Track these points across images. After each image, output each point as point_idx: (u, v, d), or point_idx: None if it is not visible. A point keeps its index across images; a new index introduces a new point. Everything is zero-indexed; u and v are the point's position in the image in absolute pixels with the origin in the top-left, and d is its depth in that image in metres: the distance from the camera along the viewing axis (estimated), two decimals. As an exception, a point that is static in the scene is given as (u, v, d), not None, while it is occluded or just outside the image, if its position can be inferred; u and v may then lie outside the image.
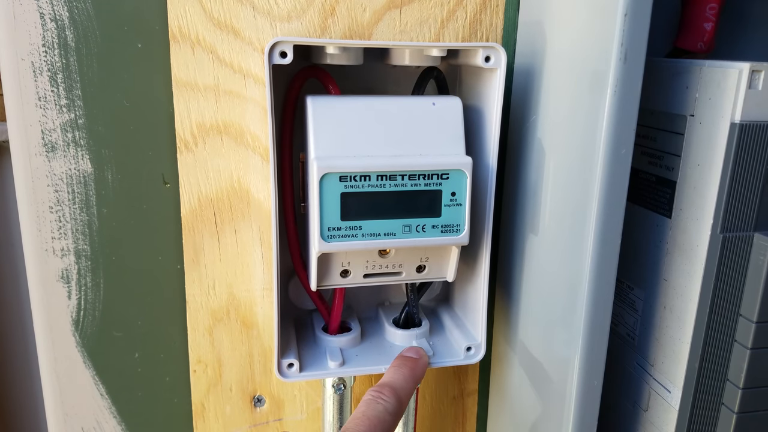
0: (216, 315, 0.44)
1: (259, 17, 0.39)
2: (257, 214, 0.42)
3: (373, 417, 0.33)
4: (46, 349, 0.43)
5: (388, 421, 0.33)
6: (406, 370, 0.37)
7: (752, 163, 0.32)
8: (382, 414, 0.33)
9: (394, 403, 0.34)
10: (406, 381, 0.36)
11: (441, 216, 0.36)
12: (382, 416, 0.33)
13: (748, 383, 0.35)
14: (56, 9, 0.37)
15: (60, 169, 0.40)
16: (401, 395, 0.35)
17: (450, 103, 0.37)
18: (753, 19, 0.47)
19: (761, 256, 0.33)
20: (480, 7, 0.42)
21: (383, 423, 0.33)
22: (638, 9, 0.31)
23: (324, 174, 0.34)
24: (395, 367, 0.38)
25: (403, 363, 0.38)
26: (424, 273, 0.40)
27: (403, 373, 0.37)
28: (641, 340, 0.40)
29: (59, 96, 0.38)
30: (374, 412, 0.33)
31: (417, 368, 0.38)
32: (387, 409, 0.34)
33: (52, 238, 0.41)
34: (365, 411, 0.33)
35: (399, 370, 0.37)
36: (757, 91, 0.31)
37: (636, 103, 0.32)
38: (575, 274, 0.35)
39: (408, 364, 0.38)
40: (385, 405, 0.34)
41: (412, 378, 0.37)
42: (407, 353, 0.40)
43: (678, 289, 0.36)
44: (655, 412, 0.39)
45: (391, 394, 0.35)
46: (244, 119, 0.40)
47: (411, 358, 0.39)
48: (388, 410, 0.34)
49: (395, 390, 0.35)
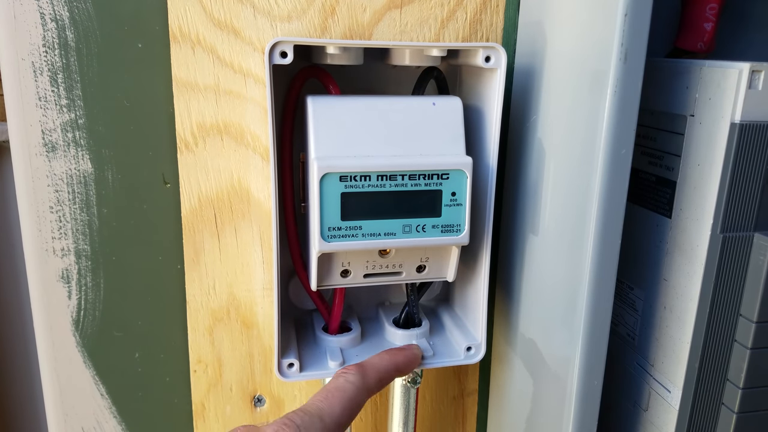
0: (216, 315, 0.44)
1: (259, 17, 0.39)
2: (257, 214, 0.42)
3: (332, 388, 0.34)
4: (46, 349, 0.43)
5: (348, 390, 0.34)
6: (384, 354, 0.38)
7: (752, 163, 0.32)
8: (342, 384, 0.34)
9: (357, 374, 0.35)
10: (380, 360, 0.37)
11: (441, 216, 0.36)
12: (342, 386, 0.34)
13: (748, 383, 0.35)
14: (56, 9, 0.37)
15: (60, 169, 0.40)
16: (368, 370, 0.36)
17: (450, 103, 0.37)
18: (753, 19, 0.47)
19: (761, 256, 0.33)
20: (480, 7, 0.42)
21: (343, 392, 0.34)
22: (638, 9, 0.31)
23: (324, 174, 0.34)
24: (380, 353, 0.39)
25: (389, 350, 0.39)
26: (424, 273, 0.40)
27: (380, 355, 0.38)
28: (641, 340, 0.40)
29: (59, 96, 0.38)
30: (333, 384, 0.34)
31: (398, 355, 0.39)
32: (347, 380, 0.34)
33: (52, 238, 0.41)
34: (326, 385, 0.35)
35: (378, 354, 0.39)
36: (757, 91, 0.31)
37: (636, 103, 0.32)
38: (575, 274, 0.35)
39: (391, 350, 0.39)
40: (346, 376, 0.35)
41: (389, 360, 0.38)
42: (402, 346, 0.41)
43: (678, 289, 0.36)
44: (655, 412, 0.39)
45: (355, 367, 0.36)
46: (244, 119, 0.40)
47: (396, 348, 0.40)
48: (348, 380, 0.34)
49: (362, 365, 0.36)
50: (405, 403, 0.44)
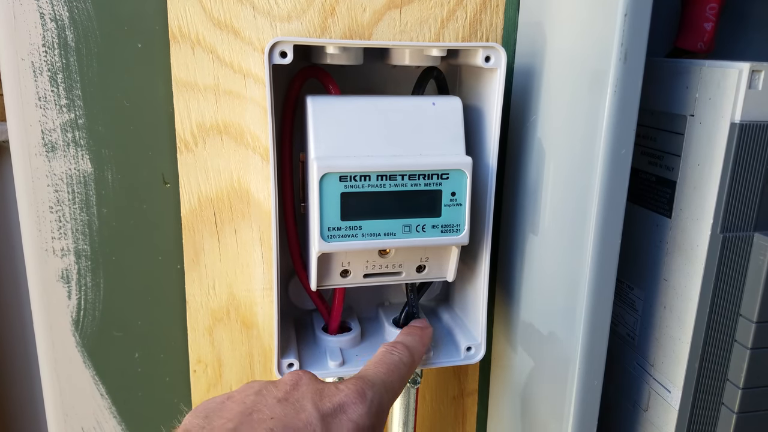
0: (216, 315, 0.44)
1: (259, 17, 0.39)
2: (257, 214, 0.42)
3: (390, 363, 0.34)
4: (46, 349, 0.43)
5: (402, 370, 0.35)
6: (415, 334, 0.39)
7: (752, 163, 0.32)
8: (398, 362, 0.35)
9: (408, 355, 0.36)
10: (416, 342, 0.38)
11: (441, 216, 0.36)
12: (398, 364, 0.35)
13: (748, 383, 0.35)
14: (56, 9, 0.37)
15: (60, 169, 0.40)
16: (413, 352, 0.37)
17: (450, 103, 0.37)
18: (753, 19, 0.47)
19: (761, 256, 0.33)
20: (480, 7, 0.42)
21: (399, 370, 0.34)
22: (638, 9, 0.31)
23: (324, 174, 0.34)
24: (404, 333, 0.39)
25: (412, 330, 0.40)
26: (424, 273, 0.40)
27: (412, 335, 0.39)
28: (641, 340, 0.40)
29: (59, 96, 0.38)
30: (390, 359, 0.35)
31: (424, 335, 0.39)
32: (402, 359, 0.35)
33: (52, 238, 0.41)
34: (382, 358, 0.35)
35: (409, 333, 0.39)
36: (757, 91, 0.31)
37: (636, 103, 0.32)
38: (575, 274, 0.35)
39: (416, 331, 0.39)
40: (400, 356, 0.35)
41: (421, 341, 0.38)
42: (414, 323, 0.41)
43: (678, 289, 0.36)
44: (655, 412, 0.39)
45: (404, 348, 0.36)
46: (244, 119, 0.40)
47: (418, 327, 0.40)
48: (402, 360, 0.35)
49: (407, 346, 0.37)
50: (405, 402, 0.44)
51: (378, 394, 0.31)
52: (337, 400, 0.30)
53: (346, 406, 0.30)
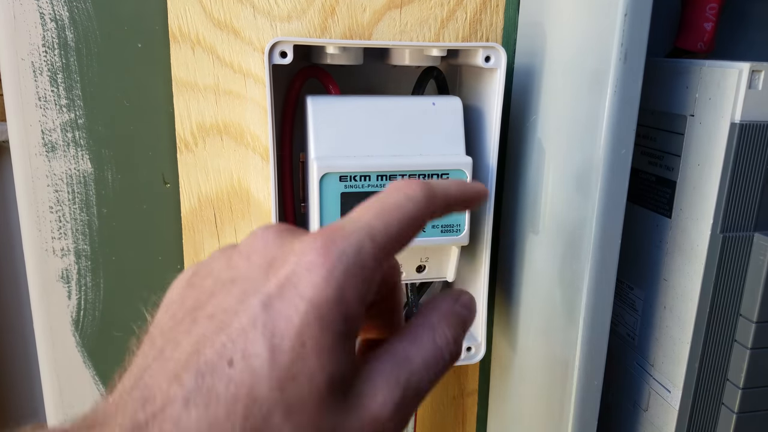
0: (216, 315, 0.44)
1: (259, 17, 0.39)
2: (257, 214, 0.42)
3: (389, 204, 0.23)
4: (46, 349, 0.42)
5: (409, 209, 0.24)
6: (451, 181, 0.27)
7: (752, 163, 0.32)
8: (403, 201, 0.24)
9: (423, 191, 0.24)
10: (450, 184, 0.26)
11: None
12: (401, 203, 0.24)
13: (748, 383, 0.35)
14: (56, 9, 0.37)
15: (60, 169, 0.40)
16: (436, 190, 0.25)
17: (450, 103, 0.37)
18: (753, 19, 0.47)
19: (761, 256, 0.33)
20: (480, 7, 0.42)
21: (400, 209, 0.23)
22: (638, 9, 0.31)
23: (324, 174, 0.34)
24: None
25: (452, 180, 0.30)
26: (424, 273, 0.40)
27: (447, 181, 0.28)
28: (641, 340, 0.40)
29: (59, 96, 0.38)
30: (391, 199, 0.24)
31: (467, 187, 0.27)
32: (409, 197, 0.24)
33: (52, 238, 0.41)
34: (380, 197, 0.24)
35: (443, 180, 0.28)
36: (757, 91, 0.31)
37: (636, 103, 0.32)
38: (575, 274, 0.35)
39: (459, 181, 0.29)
40: (408, 193, 0.24)
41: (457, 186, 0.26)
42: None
43: (678, 289, 0.36)
44: (655, 412, 0.39)
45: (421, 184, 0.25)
46: (244, 119, 0.40)
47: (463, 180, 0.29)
48: (410, 197, 0.24)
49: (428, 183, 0.25)
50: (405, 403, 0.44)
51: (355, 244, 0.21)
52: (287, 270, 0.20)
53: (296, 276, 0.19)
